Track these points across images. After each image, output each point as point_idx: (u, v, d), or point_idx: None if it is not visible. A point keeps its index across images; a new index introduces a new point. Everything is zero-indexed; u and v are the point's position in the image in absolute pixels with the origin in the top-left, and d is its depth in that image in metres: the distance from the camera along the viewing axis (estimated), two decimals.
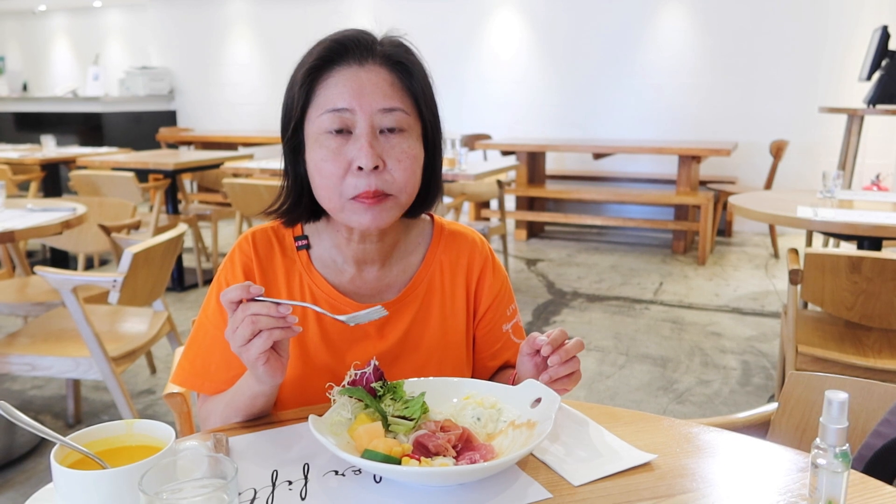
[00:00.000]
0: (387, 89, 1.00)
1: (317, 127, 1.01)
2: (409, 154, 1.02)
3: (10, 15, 10.72)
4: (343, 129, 0.99)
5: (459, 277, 1.16)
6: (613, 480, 0.87)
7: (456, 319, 1.16)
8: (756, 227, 6.56)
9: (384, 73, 1.01)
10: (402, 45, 1.04)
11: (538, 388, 0.97)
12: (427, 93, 1.05)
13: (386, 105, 1.00)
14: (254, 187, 4.22)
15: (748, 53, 6.40)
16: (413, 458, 0.85)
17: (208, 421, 1.09)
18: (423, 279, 1.14)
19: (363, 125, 0.99)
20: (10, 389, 3.18)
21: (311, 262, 1.13)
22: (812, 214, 2.73)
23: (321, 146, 1.00)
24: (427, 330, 1.13)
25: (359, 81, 0.99)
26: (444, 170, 1.18)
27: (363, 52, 1.01)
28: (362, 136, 0.99)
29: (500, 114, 7.41)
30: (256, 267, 1.11)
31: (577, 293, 4.66)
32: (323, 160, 1.00)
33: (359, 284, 1.12)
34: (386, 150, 1.00)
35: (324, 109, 0.99)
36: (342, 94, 0.99)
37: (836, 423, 0.72)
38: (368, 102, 0.99)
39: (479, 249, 1.19)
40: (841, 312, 2.32)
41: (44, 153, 5.57)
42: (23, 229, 2.59)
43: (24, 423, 0.81)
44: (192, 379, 1.12)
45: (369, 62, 1.01)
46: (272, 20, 8.46)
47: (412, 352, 1.12)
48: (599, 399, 3.09)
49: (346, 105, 0.99)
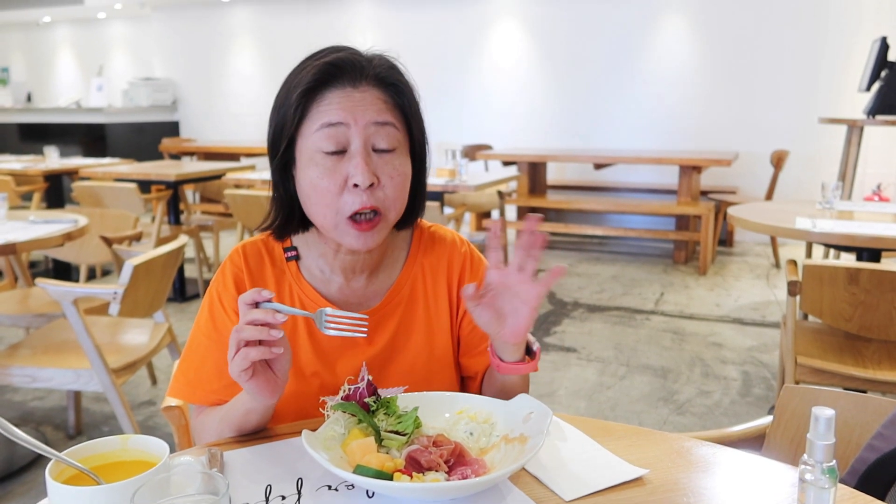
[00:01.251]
0: (380, 105, 1.03)
1: (311, 144, 1.02)
2: (400, 172, 1.04)
3: (15, 26, 10.80)
4: (339, 150, 1.01)
5: (441, 279, 1.18)
6: (605, 495, 0.88)
7: (440, 321, 1.17)
8: (757, 237, 6.56)
9: (377, 92, 1.03)
10: (394, 67, 1.06)
11: (530, 402, 0.97)
12: (416, 111, 1.07)
13: (379, 119, 1.02)
14: (255, 198, 4.24)
15: (748, 63, 6.42)
16: (405, 473, 0.86)
17: (202, 435, 1.10)
18: (405, 283, 1.16)
19: (358, 142, 1.01)
20: (11, 401, 3.18)
21: (300, 273, 1.15)
22: (811, 226, 2.74)
23: (316, 164, 1.02)
24: (413, 333, 1.15)
25: (352, 100, 1.01)
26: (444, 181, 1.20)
27: (357, 74, 1.02)
28: (357, 153, 1.00)
29: (501, 124, 7.43)
30: (247, 278, 1.13)
31: (578, 303, 4.66)
32: (319, 177, 1.01)
33: (347, 294, 1.14)
34: (379, 167, 1.02)
35: (318, 124, 1.01)
36: (336, 110, 1.01)
37: (823, 439, 0.73)
38: (362, 116, 1.00)
39: (457, 249, 1.20)
40: (840, 324, 2.32)
41: (47, 164, 5.60)
42: (25, 241, 2.61)
43: (20, 439, 0.81)
44: (186, 389, 1.14)
45: (363, 84, 1.02)
46: (275, 31, 8.51)
47: (400, 356, 1.14)
48: (600, 410, 3.09)
49: (341, 119, 1.00)
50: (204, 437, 1.09)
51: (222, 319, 1.11)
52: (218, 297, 1.13)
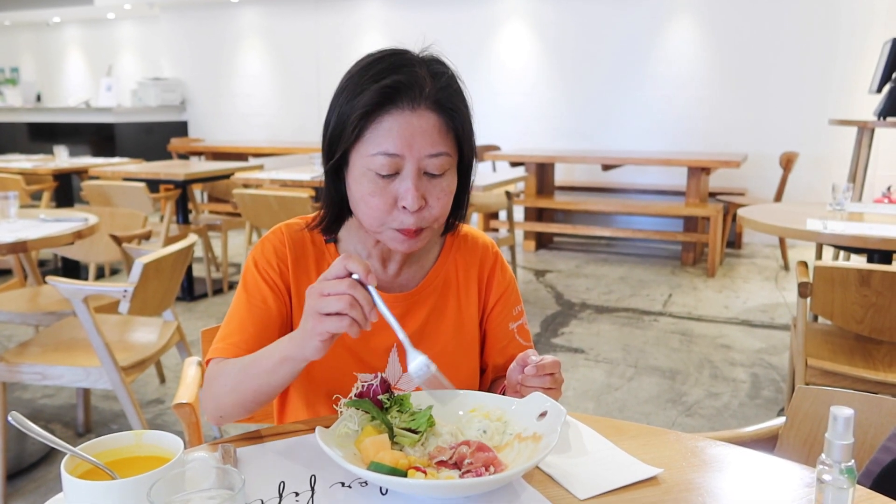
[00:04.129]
0: (435, 137, 1.04)
1: (366, 163, 1.04)
2: (447, 191, 1.08)
3: (25, 27, 10.85)
4: (391, 173, 1.04)
5: (472, 274, 1.24)
6: (619, 494, 0.88)
7: (470, 313, 1.23)
8: (766, 239, 6.53)
9: (434, 119, 1.04)
10: (451, 88, 1.07)
11: (544, 401, 0.97)
12: (469, 131, 1.10)
13: (433, 151, 1.04)
14: (264, 198, 4.24)
15: (758, 65, 6.40)
16: (419, 470, 0.86)
17: (213, 383, 1.06)
18: (439, 273, 1.22)
19: (410, 169, 1.03)
20: (21, 398, 3.20)
21: (336, 250, 1.19)
22: (821, 227, 2.73)
23: (369, 181, 1.05)
24: (443, 322, 1.20)
25: (410, 128, 1.02)
26: None
27: (415, 98, 1.03)
28: (409, 178, 1.03)
29: (510, 125, 7.42)
30: (289, 253, 1.17)
31: (586, 304, 4.65)
32: (371, 195, 1.05)
33: (381, 278, 1.19)
34: (428, 190, 1.05)
35: (376, 151, 1.03)
36: (394, 140, 1.02)
37: (841, 438, 0.72)
38: (418, 150, 1.03)
39: (489, 251, 1.28)
40: (851, 326, 2.31)
41: (56, 163, 5.62)
42: (35, 239, 2.62)
43: (36, 434, 0.82)
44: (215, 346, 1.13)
45: (421, 108, 1.03)
46: (283, 32, 8.53)
47: (428, 343, 1.17)
48: (608, 411, 3.08)
49: (398, 151, 1.02)
50: (214, 386, 1.06)
51: (253, 281, 1.15)
52: (254, 262, 1.16)
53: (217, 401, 1.05)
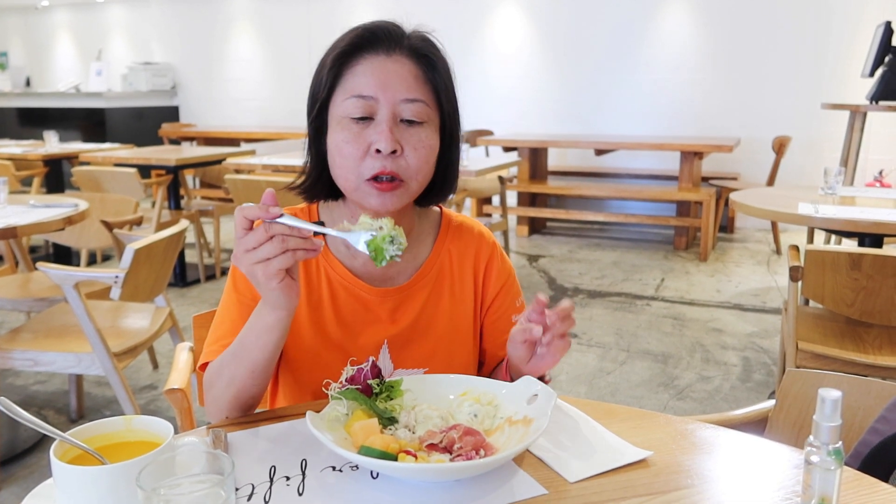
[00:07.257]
0: (411, 81, 1.04)
1: (341, 110, 1.04)
2: (425, 143, 1.06)
3: (13, 10, 10.73)
4: (366, 115, 1.03)
5: (468, 266, 1.21)
6: (609, 477, 0.88)
7: (465, 306, 1.20)
8: (758, 224, 6.55)
9: (409, 65, 1.05)
10: (429, 40, 1.09)
11: (535, 384, 0.97)
12: (449, 86, 1.09)
13: (409, 96, 1.04)
14: (256, 183, 4.22)
15: (751, 49, 6.39)
16: (409, 454, 0.86)
17: (213, 385, 1.05)
18: (433, 265, 1.18)
19: (385, 112, 1.03)
20: (13, 385, 3.19)
21: (326, 246, 1.16)
22: (813, 211, 2.73)
23: (343, 129, 1.04)
24: (437, 315, 1.17)
25: (385, 71, 1.03)
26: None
27: (392, 43, 1.05)
28: (383, 122, 1.03)
29: (503, 110, 7.40)
30: None
31: (579, 289, 4.66)
32: (344, 141, 1.04)
33: (371, 269, 1.15)
34: (405, 138, 1.04)
35: (349, 94, 1.04)
36: (368, 82, 1.03)
37: (829, 420, 0.73)
38: (392, 93, 1.03)
39: (485, 240, 1.24)
40: (841, 309, 2.32)
41: (46, 149, 5.57)
42: (25, 225, 2.60)
43: (25, 420, 0.81)
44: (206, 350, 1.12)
45: (396, 53, 1.05)
46: (275, 16, 8.46)
47: (422, 336, 1.16)
48: (600, 395, 3.09)
49: (371, 93, 1.03)
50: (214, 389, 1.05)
51: (242, 279, 1.11)
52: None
53: (219, 402, 1.04)
